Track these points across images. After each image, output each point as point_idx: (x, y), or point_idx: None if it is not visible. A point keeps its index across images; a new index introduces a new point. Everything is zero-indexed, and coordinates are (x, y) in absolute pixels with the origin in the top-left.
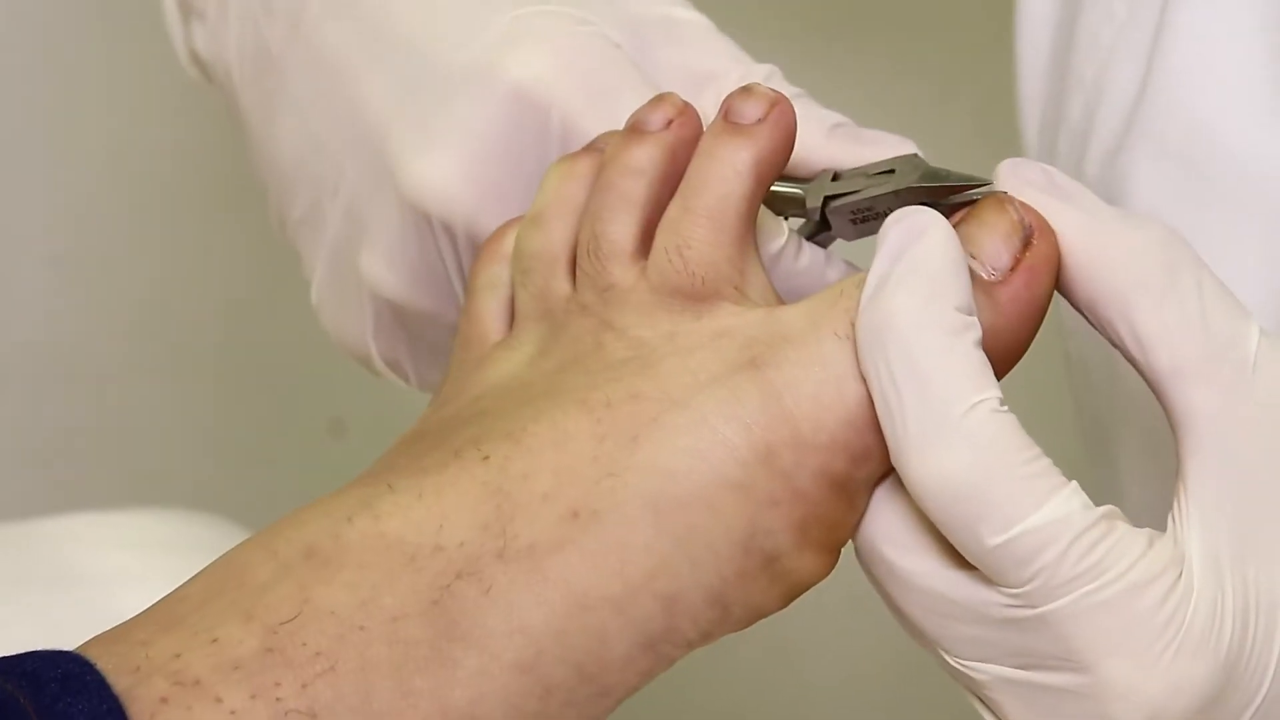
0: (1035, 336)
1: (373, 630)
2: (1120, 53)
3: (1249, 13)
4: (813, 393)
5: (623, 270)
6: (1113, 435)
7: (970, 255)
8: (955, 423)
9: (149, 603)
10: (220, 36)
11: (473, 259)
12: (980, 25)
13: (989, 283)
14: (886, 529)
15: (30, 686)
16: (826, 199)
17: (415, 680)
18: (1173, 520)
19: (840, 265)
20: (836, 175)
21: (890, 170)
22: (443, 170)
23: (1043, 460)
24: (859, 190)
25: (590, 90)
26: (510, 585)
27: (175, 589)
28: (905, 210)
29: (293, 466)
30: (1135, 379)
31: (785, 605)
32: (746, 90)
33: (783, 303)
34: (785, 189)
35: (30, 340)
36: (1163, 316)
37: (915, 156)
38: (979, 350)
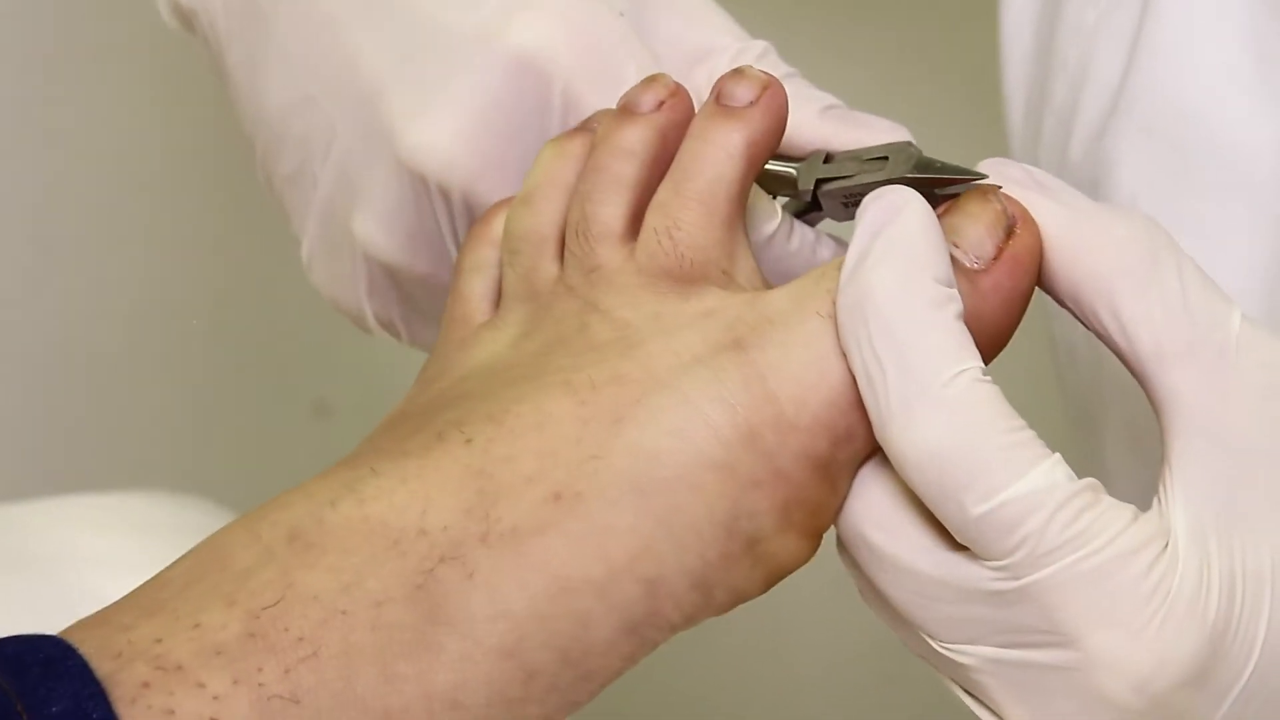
0: (1018, 327)
1: (356, 615)
2: (1104, 35)
3: None
4: (796, 373)
5: (611, 252)
6: (1098, 417)
7: (954, 244)
8: (937, 393)
9: (132, 585)
10: None
11: (468, 225)
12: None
13: (972, 271)
14: (869, 511)
15: (12, 671)
16: (819, 181)
17: (398, 665)
18: (1158, 498)
19: (832, 247)
20: (829, 157)
21: (884, 157)
22: (443, 133)
23: (1026, 431)
24: (852, 176)
25: (594, 62)
26: (493, 569)
27: (158, 573)
28: (882, 189)
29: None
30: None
31: (766, 589)
32: (738, 73)
33: (770, 286)
34: (776, 167)
35: (13, 324)
36: (1145, 302)
37: (909, 145)
38: (959, 322)
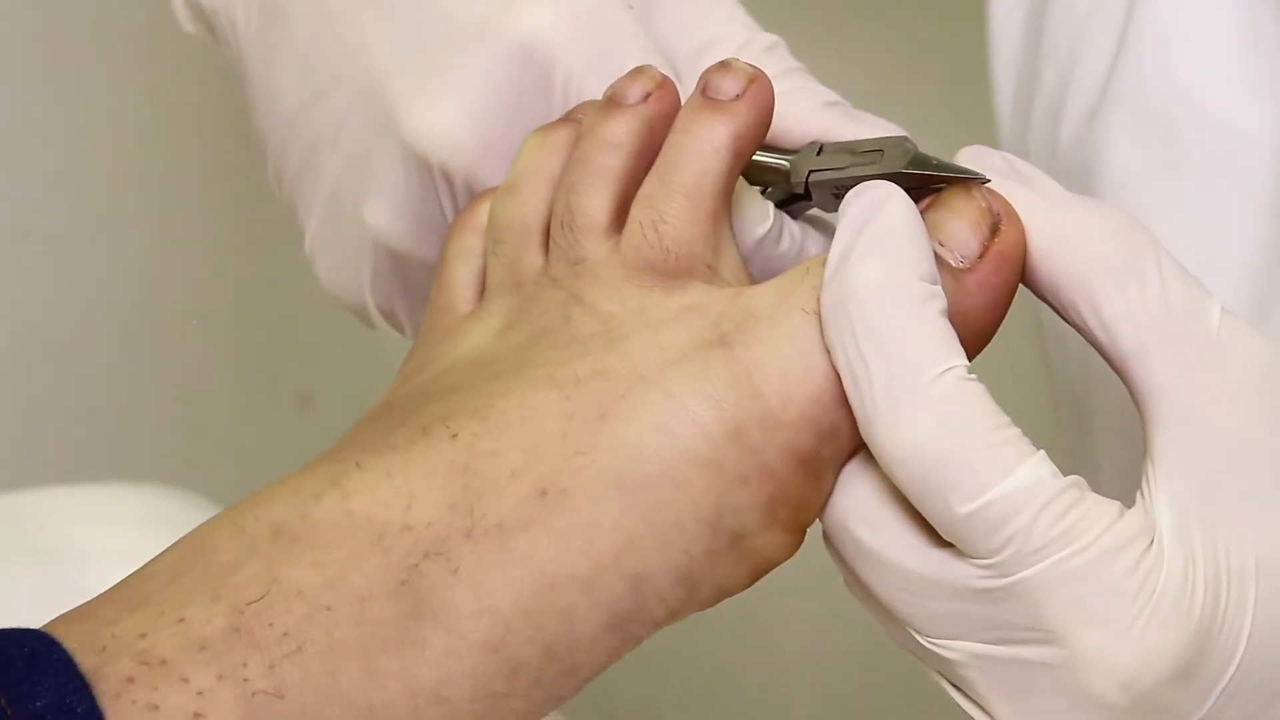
0: (1002, 322)
1: (340, 610)
2: (1095, 19)
3: None
4: (781, 369)
5: (595, 244)
6: (1087, 406)
7: (938, 243)
8: (922, 390)
9: (116, 578)
10: None
11: None
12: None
13: (957, 269)
14: (855, 507)
15: None
16: (810, 172)
17: (383, 660)
18: (1142, 494)
19: (820, 243)
20: (822, 148)
21: (878, 150)
22: (446, 118)
23: (1011, 428)
24: (844, 168)
25: (596, 50)
26: (478, 565)
27: (142, 566)
28: (865, 184)
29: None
30: None
31: (751, 584)
32: (724, 65)
33: (755, 281)
34: (769, 159)
35: None
36: (1125, 297)
37: (904, 139)
38: (944, 319)
